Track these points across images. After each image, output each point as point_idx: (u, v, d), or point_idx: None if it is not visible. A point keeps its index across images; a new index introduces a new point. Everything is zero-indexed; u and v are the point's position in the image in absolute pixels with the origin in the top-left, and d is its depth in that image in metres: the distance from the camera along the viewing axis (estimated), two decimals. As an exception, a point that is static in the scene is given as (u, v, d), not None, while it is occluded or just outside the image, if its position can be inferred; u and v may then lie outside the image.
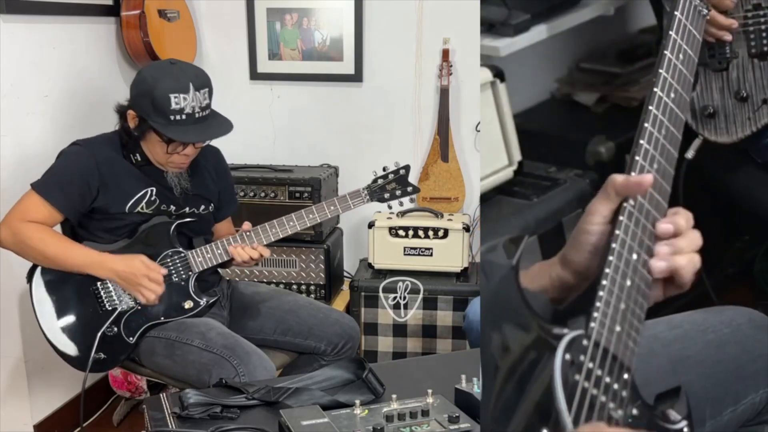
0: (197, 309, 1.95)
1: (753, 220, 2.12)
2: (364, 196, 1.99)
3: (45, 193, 1.86)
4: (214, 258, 1.96)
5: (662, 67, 1.12)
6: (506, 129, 2.13)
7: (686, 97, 1.14)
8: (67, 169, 1.90)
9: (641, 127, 1.08)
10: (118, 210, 1.91)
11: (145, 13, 2.62)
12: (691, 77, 1.16)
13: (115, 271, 1.85)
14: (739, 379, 1.32)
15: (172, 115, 1.81)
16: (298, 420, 1.28)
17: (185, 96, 1.81)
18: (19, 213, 1.87)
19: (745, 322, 1.38)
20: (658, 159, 1.08)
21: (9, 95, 2.22)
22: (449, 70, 2.94)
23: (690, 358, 1.33)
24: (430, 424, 1.28)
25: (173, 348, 1.88)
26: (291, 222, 1.96)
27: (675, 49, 1.14)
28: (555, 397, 0.94)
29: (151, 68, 1.90)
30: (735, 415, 1.31)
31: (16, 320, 2.30)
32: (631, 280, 1.03)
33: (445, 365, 1.79)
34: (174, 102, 1.80)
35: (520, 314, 1.03)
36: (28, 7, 2.28)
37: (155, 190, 1.94)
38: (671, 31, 1.15)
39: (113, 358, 1.94)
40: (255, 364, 1.81)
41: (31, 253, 1.87)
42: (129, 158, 1.93)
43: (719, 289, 2.04)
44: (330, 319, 2.09)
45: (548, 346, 0.98)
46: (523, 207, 2.10)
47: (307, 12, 3.04)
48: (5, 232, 1.87)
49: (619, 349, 1.00)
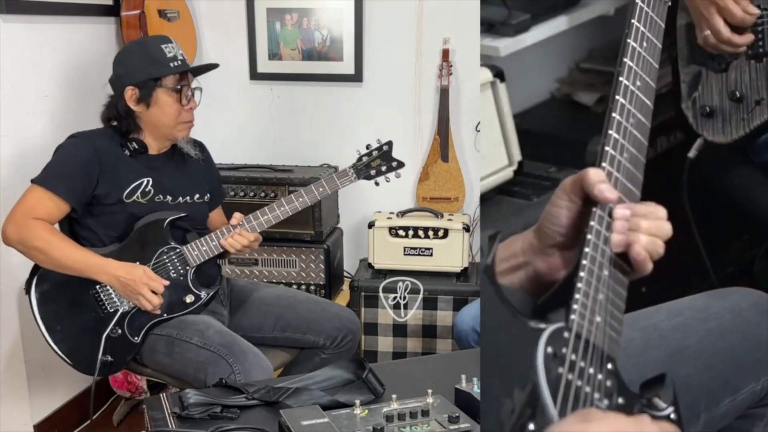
0: (198, 302, 1.96)
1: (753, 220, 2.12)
2: (351, 175, 2.02)
3: (49, 185, 1.87)
4: (209, 250, 1.96)
5: (626, 56, 1.12)
6: (506, 129, 2.13)
7: (652, 85, 1.14)
8: (67, 159, 1.92)
9: (608, 116, 1.09)
10: (114, 199, 1.92)
11: (145, 13, 2.62)
12: (656, 64, 1.16)
13: (116, 277, 1.86)
14: (738, 369, 1.31)
15: (170, 63, 1.92)
16: (298, 420, 1.28)
17: (172, 45, 1.94)
18: (24, 209, 1.87)
19: (749, 307, 1.36)
20: (628, 147, 1.09)
21: (9, 95, 2.22)
22: (449, 70, 2.94)
23: (689, 349, 1.32)
24: (430, 424, 1.28)
25: (173, 345, 1.89)
26: (281, 207, 1.98)
27: (638, 38, 1.14)
28: (539, 390, 0.94)
29: (127, 45, 2.10)
30: (733, 405, 1.30)
31: (16, 320, 2.30)
32: (608, 269, 1.03)
33: (445, 365, 1.79)
34: (167, 51, 1.92)
35: (499, 311, 1.03)
36: (28, 7, 2.28)
37: (151, 181, 1.96)
38: (633, 19, 1.16)
39: (120, 360, 1.94)
40: (251, 363, 1.82)
41: (35, 252, 1.87)
42: (125, 147, 1.96)
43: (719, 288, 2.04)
44: (329, 313, 2.09)
45: (529, 341, 0.98)
46: (523, 207, 2.10)
47: (307, 12, 3.04)
48: (11, 229, 1.86)
49: (601, 339, 1.01)
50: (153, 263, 1.92)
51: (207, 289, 1.99)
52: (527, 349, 0.98)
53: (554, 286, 1.10)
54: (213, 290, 2.01)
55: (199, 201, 2.07)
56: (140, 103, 1.92)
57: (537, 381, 0.95)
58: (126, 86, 1.91)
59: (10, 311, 2.28)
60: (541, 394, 0.94)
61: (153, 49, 1.91)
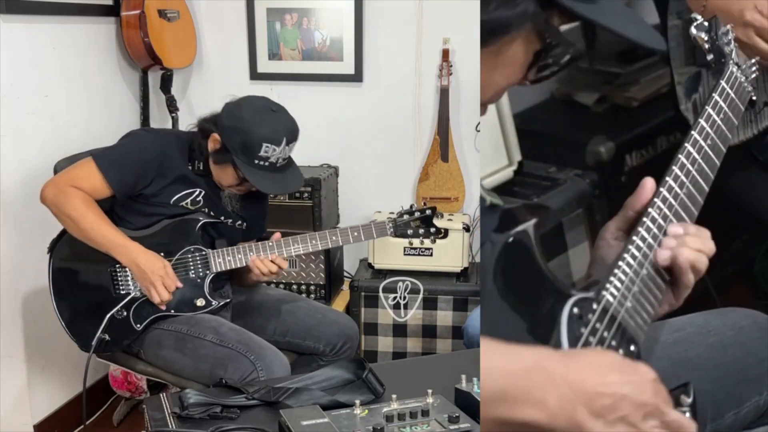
0: (209, 308, 1.97)
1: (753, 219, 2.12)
2: (389, 229, 2.01)
3: (103, 166, 1.88)
4: (234, 261, 1.97)
5: (704, 114, 1.23)
6: (506, 129, 2.13)
7: (728, 135, 1.25)
8: (132, 149, 1.93)
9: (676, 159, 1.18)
10: (163, 201, 1.94)
11: (145, 13, 2.62)
12: (733, 126, 1.26)
13: (135, 262, 1.87)
14: (741, 382, 1.33)
15: (257, 160, 1.86)
16: (298, 420, 1.28)
17: (276, 148, 1.86)
18: (69, 176, 1.89)
19: (749, 325, 1.39)
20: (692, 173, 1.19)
21: (9, 95, 2.22)
22: (449, 70, 2.94)
23: (691, 361, 1.34)
24: (430, 424, 1.28)
25: (184, 341, 1.89)
26: (314, 240, 1.98)
27: (716, 108, 1.25)
28: (559, 340, 0.99)
29: (252, 108, 1.90)
30: (738, 418, 1.31)
31: (17, 320, 2.30)
32: (647, 270, 1.08)
33: (445, 365, 1.79)
34: (264, 150, 1.84)
35: (537, 273, 1.09)
36: (28, 7, 2.28)
37: (203, 193, 1.97)
38: (715, 93, 1.26)
39: (117, 341, 1.95)
40: (271, 359, 1.84)
41: (66, 219, 1.88)
42: (191, 164, 1.96)
43: (719, 288, 2.04)
44: (328, 320, 2.10)
45: (557, 298, 1.05)
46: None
47: (307, 12, 3.04)
48: (50, 190, 1.88)
49: (628, 321, 1.05)
50: (176, 258, 1.94)
51: (220, 298, 2.00)
52: (553, 305, 1.03)
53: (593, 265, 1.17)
54: (225, 300, 2.01)
55: (239, 227, 2.07)
56: (215, 153, 1.92)
57: (559, 334, 1.00)
58: (215, 133, 1.90)
59: (11, 311, 2.28)
60: (561, 344, 0.99)
61: (255, 138, 1.84)
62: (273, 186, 1.94)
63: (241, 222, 2.07)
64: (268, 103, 1.94)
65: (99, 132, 2.61)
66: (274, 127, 1.87)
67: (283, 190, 1.98)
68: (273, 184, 1.92)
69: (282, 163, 1.91)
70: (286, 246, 1.98)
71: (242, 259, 1.97)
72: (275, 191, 1.98)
